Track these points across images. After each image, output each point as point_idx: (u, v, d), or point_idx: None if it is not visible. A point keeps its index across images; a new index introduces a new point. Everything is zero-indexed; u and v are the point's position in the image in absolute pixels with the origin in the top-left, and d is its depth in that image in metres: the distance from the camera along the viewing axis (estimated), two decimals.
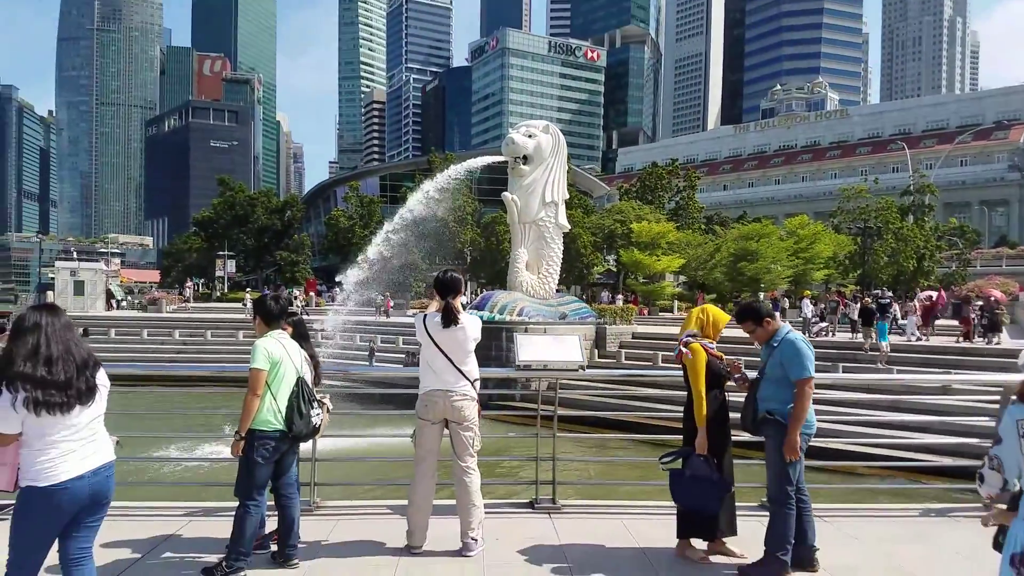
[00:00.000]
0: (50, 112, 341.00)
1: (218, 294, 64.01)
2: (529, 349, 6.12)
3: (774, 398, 4.66)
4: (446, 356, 4.95)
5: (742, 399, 4.91)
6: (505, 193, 28.87)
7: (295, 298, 52.54)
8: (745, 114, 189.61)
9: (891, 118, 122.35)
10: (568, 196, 32.26)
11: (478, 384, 5.08)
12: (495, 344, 25.74)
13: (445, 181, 30.12)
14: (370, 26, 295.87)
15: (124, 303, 53.11)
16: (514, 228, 28.92)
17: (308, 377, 4.89)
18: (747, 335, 4.94)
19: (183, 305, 51.59)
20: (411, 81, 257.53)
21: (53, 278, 49.36)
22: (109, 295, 49.55)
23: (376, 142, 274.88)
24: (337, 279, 33.50)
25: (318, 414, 4.76)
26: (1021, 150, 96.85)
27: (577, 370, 6.04)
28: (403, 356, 30.91)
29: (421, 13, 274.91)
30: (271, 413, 4.57)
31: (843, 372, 21.73)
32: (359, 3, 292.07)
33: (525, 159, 28.55)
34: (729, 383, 4.98)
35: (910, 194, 51.17)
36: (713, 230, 53.48)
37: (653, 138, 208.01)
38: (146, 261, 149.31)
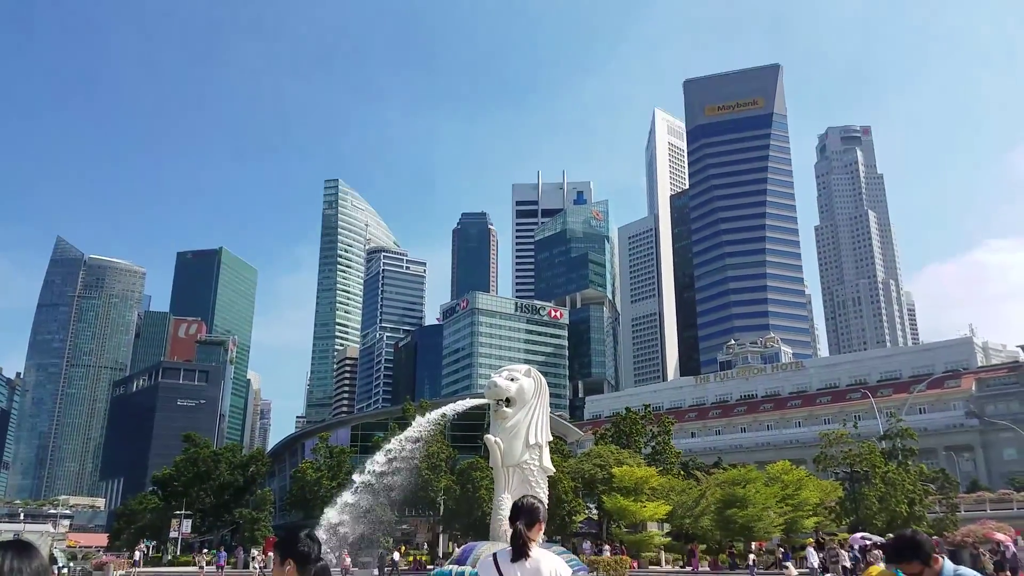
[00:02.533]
0: (18, 374, 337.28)
1: (169, 557, 58.79)
2: None
3: None
4: None
5: None
6: (488, 435, 28.42)
7: (252, 559, 48.43)
8: (703, 366, 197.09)
9: (845, 369, 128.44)
10: (551, 437, 31.90)
11: None
12: None
13: (425, 424, 29.72)
14: (347, 291, 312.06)
15: (65, 570, 48.24)
16: (497, 472, 28.01)
17: None
18: None
19: (130, 571, 46.95)
20: (384, 339, 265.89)
21: None
22: (51, 560, 45.21)
23: (346, 396, 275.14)
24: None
25: None
26: (975, 397, 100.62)
27: None
28: None
29: (396, 279, 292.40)
30: None
31: None
32: (338, 271, 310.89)
33: (508, 402, 28.58)
34: None
35: (889, 439, 51.54)
36: (693, 475, 52.32)
37: (616, 387, 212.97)
38: (95, 523, 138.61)
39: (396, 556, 42.99)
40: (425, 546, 60.81)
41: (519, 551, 4.21)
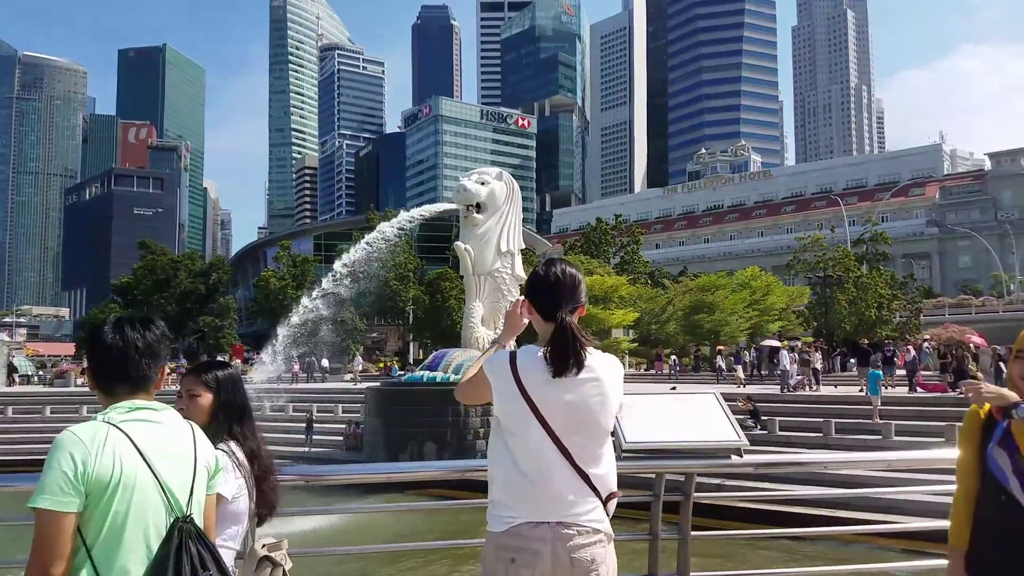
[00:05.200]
0: None
1: None
2: (643, 423, 3.53)
3: None
4: (559, 445, 2.45)
5: None
6: (458, 243, 26.79)
7: None
8: (671, 177, 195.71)
9: (813, 177, 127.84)
10: (524, 246, 30.32)
11: (614, 504, 2.56)
12: (451, 409, 22.95)
13: (391, 230, 27.94)
14: (301, 94, 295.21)
15: (35, 378, 47.90)
16: (468, 280, 26.78)
17: (238, 514, 2.50)
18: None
19: None
20: (344, 147, 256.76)
21: None
22: (11, 369, 44.59)
23: (308, 207, 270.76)
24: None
25: None
26: (938, 206, 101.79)
27: (731, 458, 3.52)
28: (343, 428, 27.50)
29: (353, 82, 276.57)
30: None
31: (835, 432, 20.04)
32: (290, 72, 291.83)
33: (478, 207, 26.57)
34: None
35: (863, 243, 51.82)
36: (662, 284, 52.54)
37: (584, 200, 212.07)
38: (62, 333, 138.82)
39: (359, 363, 42.78)
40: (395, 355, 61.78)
41: (569, 358, 2.44)
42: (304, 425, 27.73)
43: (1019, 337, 2.60)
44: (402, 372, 36.94)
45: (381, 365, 47.69)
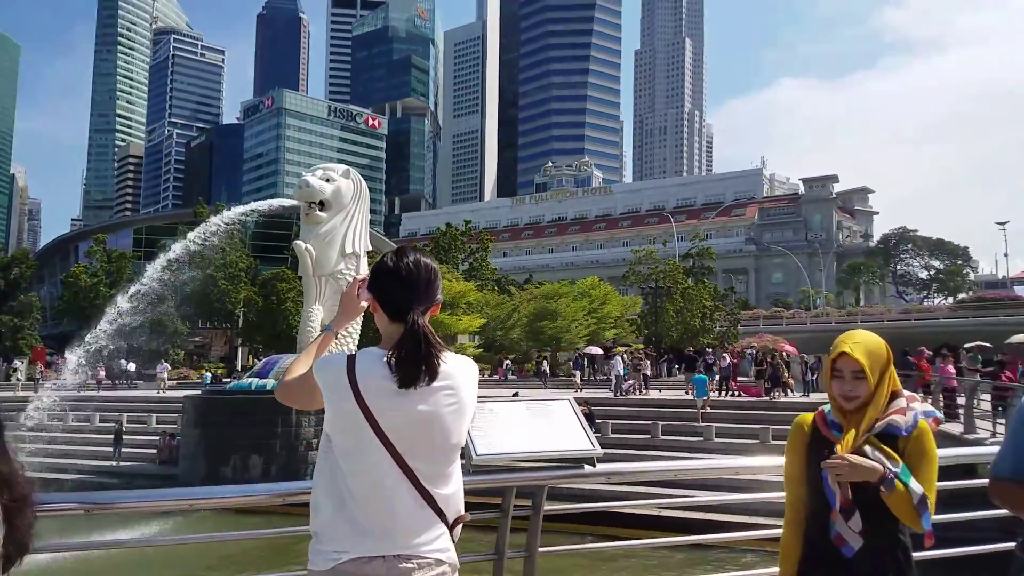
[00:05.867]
0: None
1: None
2: (493, 433, 3.05)
3: None
4: (402, 466, 2.07)
5: None
6: (298, 241, 25.15)
7: (15, 370, 42.66)
8: (520, 188, 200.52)
9: (647, 195, 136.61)
10: (371, 248, 29.24)
11: (460, 528, 2.21)
12: (282, 420, 21.44)
13: (218, 226, 25.86)
14: (130, 78, 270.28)
15: None
16: (307, 282, 25.17)
17: None
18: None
19: None
20: (174, 136, 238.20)
21: None
22: None
23: (129, 199, 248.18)
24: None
25: None
26: (756, 225, 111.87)
27: (584, 468, 3.17)
28: (157, 440, 24.95)
29: (189, 69, 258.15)
30: None
31: (662, 435, 21.00)
32: (119, 54, 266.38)
33: (322, 205, 25.18)
34: None
35: (691, 257, 55.56)
36: (508, 291, 53.25)
37: (434, 205, 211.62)
38: None
39: (164, 369, 39.12)
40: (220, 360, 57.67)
41: (420, 366, 2.05)
42: (112, 437, 24.87)
43: (830, 354, 2.51)
44: (228, 380, 34.27)
45: (202, 371, 44.18)
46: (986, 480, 2.54)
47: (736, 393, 26.96)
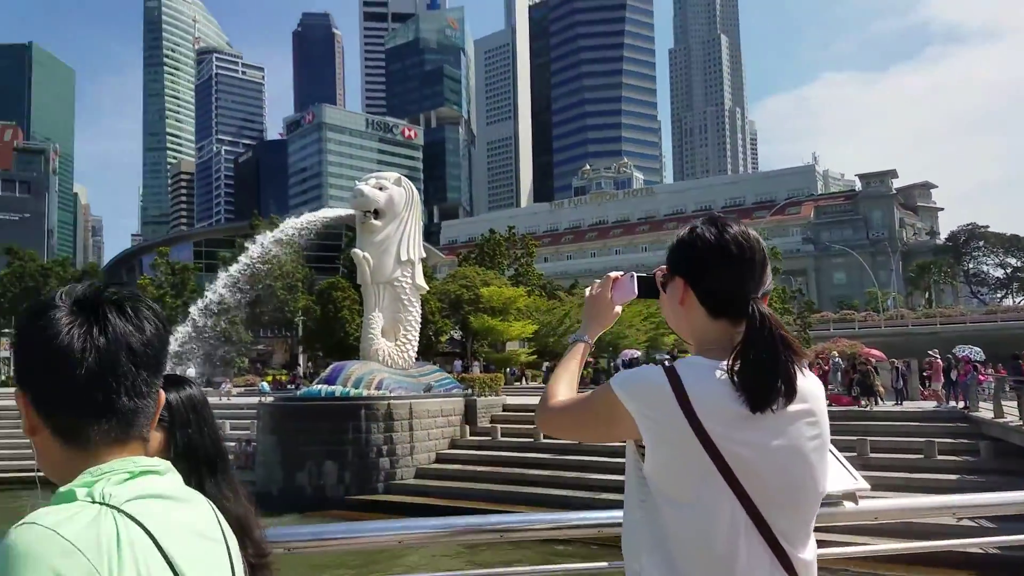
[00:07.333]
0: None
1: (3, 377, 55.73)
2: None
3: None
4: (757, 521, 1.51)
5: None
6: (355, 250, 25.84)
7: None
8: (557, 192, 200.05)
9: (692, 195, 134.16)
10: (424, 255, 29.62)
11: None
12: (352, 426, 21.77)
13: (283, 235, 26.65)
14: (177, 98, 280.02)
15: None
16: (366, 290, 25.79)
17: None
18: None
19: None
20: (222, 152, 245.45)
21: None
22: None
23: (184, 214, 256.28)
24: None
25: None
26: (813, 224, 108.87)
27: (843, 505, 2.50)
28: (233, 446, 25.52)
29: (232, 85, 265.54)
30: None
31: None
32: (166, 74, 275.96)
33: (376, 213, 25.64)
34: None
35: None
36: (556, 296, 53.06)
37: (472, 213, 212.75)
38: None
39: (227, 383, 39.67)
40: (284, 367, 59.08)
41: (776, 379, 1.52)
42: None
43: None
44: (292, 386, 34.87)
45: (269, 379, 45.29)
46: None
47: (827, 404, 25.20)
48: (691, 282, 1.66)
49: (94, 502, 1.02)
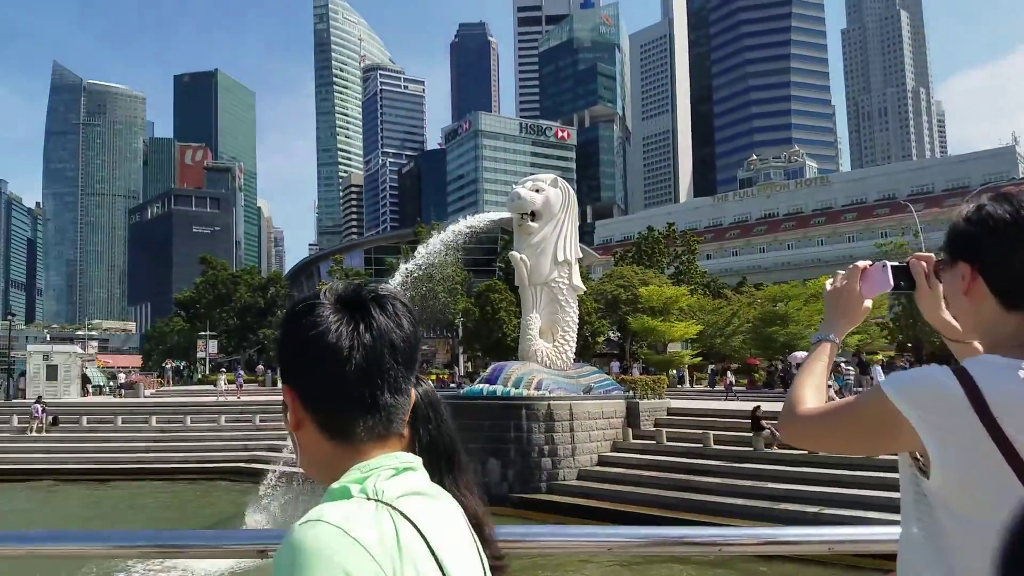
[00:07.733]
0: (37, 204, 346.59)
1: (199, 376, 61.44)
2: None
3: None
4: None
5: None
6: (513, 252, 26.12)
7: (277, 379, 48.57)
8: (719, 185, 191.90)
9: (874, 183, 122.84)
10: (581, 255, 29.25)
11: None
12: (514, 424, 21.89)
13: (450, 237, 27.82)
14: (346, 114, 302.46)
15: (106, 388, 49.45)
16: (524, 291, 25.94)
17: None
18: None
19: (159, 388, 47.68)
20: (387, 165, 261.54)
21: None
22: (85, 380, 45.82)
23: (355, 224, 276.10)
24: None
25: None
26: None
27: None
28: None
29: (395, 101, 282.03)
30: None
31: None
32: (335, 93, 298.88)
33: (533, 215, 25.70)
34: None
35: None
36: (722, 295, 50.59)
37: (626, 211, 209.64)
38: (129, 346, 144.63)
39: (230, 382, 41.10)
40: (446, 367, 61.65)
41: None
42: None
43: None
44: (454, 384, 35.94)
45: (433, 378, 47.40)
46: None
47: None
48: (981, 268, 1.45)
49: (368, 499, 1.04)
